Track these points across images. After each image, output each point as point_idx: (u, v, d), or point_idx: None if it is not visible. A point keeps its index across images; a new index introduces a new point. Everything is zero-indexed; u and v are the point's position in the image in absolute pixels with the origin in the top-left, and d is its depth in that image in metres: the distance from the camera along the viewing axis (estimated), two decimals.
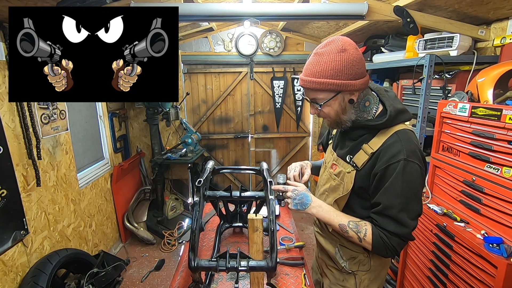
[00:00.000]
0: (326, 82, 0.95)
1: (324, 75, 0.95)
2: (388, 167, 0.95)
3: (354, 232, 1.02)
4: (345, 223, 1.04)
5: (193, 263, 1.12)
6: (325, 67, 0.94)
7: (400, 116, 1.01)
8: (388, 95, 1.06)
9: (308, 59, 1.01)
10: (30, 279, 1.84)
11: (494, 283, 1.27)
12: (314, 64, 0.97)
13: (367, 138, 1.04)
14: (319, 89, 0.97)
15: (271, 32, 3.74)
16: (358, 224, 1.03)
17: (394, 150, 0.95)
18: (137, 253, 3.20)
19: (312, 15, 1.90)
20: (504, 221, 1.33)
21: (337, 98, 0.98)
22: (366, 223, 1.03)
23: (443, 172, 1.74)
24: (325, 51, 0.95)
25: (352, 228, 1.03)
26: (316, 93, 1.00)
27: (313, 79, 0.96)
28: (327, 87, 0.95)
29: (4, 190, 1.77)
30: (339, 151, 1.16)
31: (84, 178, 2.74)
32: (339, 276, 1.22)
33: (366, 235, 1.01)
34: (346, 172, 1.07)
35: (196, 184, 1.37)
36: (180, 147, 3.65)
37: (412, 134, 1.01)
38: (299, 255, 1.64)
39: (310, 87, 0.99)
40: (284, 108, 4.12)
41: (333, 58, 0.93)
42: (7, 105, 1.84)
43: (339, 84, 0.94)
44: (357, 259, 1.15)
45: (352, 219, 1.05)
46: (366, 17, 1.87)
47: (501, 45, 1.79)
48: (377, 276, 1.19)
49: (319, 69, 0.95)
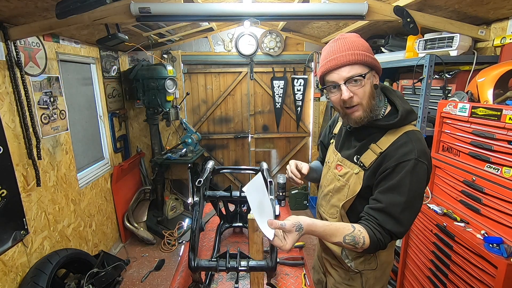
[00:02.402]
0: (364, 54, 0.96)
1: (359, 48, 0.96)
2: (398, 165, 0.94)
3: (352, 245, 0.96)
4: (341, 240, 0.95)
5: (193, 263, 1.12)
6: (357, 44, 0.97)
7: (409, 116, 1.00)
8: (396, 94, 1.06)
9: (329, 47, 1.01)
10: (30, 279, 1.84)
11: (494, 283, 1.27)
12: (342, 44, 0.98)
13: (375, 138, 1.03)
14: (358, 60, 0.96)
15: (271, 32, 3.74)
16: (354, 236, 0.95)
17: (406, 149, 0.95)
18: (137, 253, 3.20)
19: (312, 15, 1.90)
20: (504, 221, 1.33)
21: (370, 76, 0.98)
22: (361, 231, 0.96)
23: (443, 172, 1.74)
24: (346, 36, 0.99)
25: (348, 242, 0.95)
26: (353, 68, 0.96)
27: (351, 51, 0.96)
28: (365, 58, 0.96)
29: (4, 190, 1.76)
30: (345, 152, 1.14)
31: (84, 178, 2.74)
32: (344, 275, 1.21)
33: (364, 242, 0.96)
34: (354, 173, 1.06)
35: (196, 184, 1.37)
36: (180, 147, 3.65)
37: (421, 135, 1.01)
38: (299, 255, 1.64)
39: (349, 60, 0.96)
40: (284, 108, 4.12)
41: (356, 39, 0.98)
42: (7, 105, 1.85)
43: (373, 58, 0.98)
44: (363, 258, 1.14)
45: (347, 233, 0.96)
46: (366, 17, 1.87)
47: (501, 45, 1.79)
48: (383, 274, 1.19)
49: (351, 45, 0.97)
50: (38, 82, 2.11)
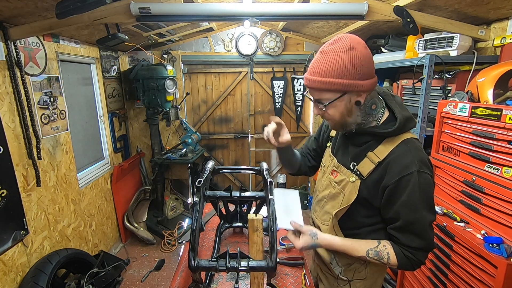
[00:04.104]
0: (332, 82, 0.89)
1: (330, 74, 0.89)
2: (401, 180, 0.91)
3: (376, 260, 0.98)
4: (364, 254, 0.99)
5: (193, 263, 1.12)
6: (331, 65, 0.88)
7: (407, 124, 0.97)
8: (395, 100, 1.02)
9: (314, 58, 0.95)
10: (30, 279, 1.84)
11: (494, 283, 1.27)
12: (320, 62, 0.91)
13: (372, 145, 1.00)
14: (325, 88, 0.91)
15: (271, 32, 3.74)
16: (378, 250, 0.98)
17: (405, 161, 0.92)
18: (137, 253, 3.20)
19: (312, 15, 1.90)
20: (504, 221, 1.33)
21: (343, 99, 0.92)
22: (385, 246, 0.98)
23: (443, 172, 1.74)
24: (332, 49, 0.89)
25: (372, 257, 0.98)
26: (322, 93, 0.94)
27: (319, 78, 0.90)
28: (333, 87, 0.90)
29: (4, 190, 1.77)
30: (341, 158, 1.10)
31: (84, 178, 2.74)
32: (333, 282, 1.20)
33: (390, 258, 0.96)
34: (350, 182, 1.02)
35: (196, 184, 1.37)
36: (180, 147, 3.65)
37: (419, 142, 0.98)
38: (299, 255, 1.64)
39: (315, 87, 0.93)
40: (284, 108, 4.12)
41: (340, 56, 0.87)
42: (7, 105, 1.85)
43: (346, 84, 0.88)
44: (352, 266, 1.13)
45: (370, 247, 0.99)
46: (366, 17, 1.87)
47: (501, 45, 1.79)
48: (373, 283, 1.16)
49: (325, 68, 0.89)
50: (38, 82, 2.11)
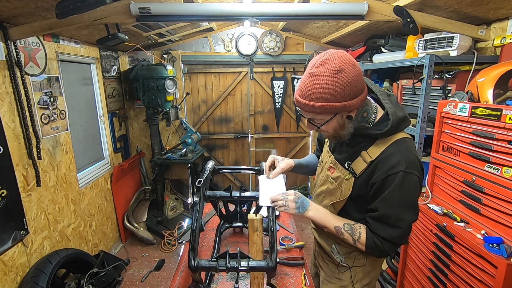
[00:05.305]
0: (323, 106, 0.91)
1: (321, 99, 0.91)
2: (387, 178, 0.96)
3: (349, 235, 1.07)
4: (340, 225, 1.08)
5: (193, 263, 1.12)
6: (321, 90, 0.89)
7: (401, 125, 1.00)
8: (390, 100, 1.04)
9: (303, 78, 0.96)
10: (30, 279, 1.84)
11: (494, 283, 1.27)
12: (309, 86, 0.92)
13: (366, 145, 1.04)
14: (317, 112, 0.95)
15: (271, 32, 3.74)
16: (353, 227, 1.07)
17: (394, 161, 0.95)
18: (137, 253, 3.20)
19: (312, 15, 1.90)
20: (504, 221, 1.33)
21: (335, 118, 0.97)
22: (360, 226, 1.07)
23: (443, 172, 1.74)
24: (320, 72, 0.89)
25: (347, 230, 1.07)
26: (314, 115, 0.98)
27: (310, 103, 0.93)
28: (324, 111, 0.93)
29: (4, 190, 1.77)
30: (337, 156, 1.16)
31: (84, 178, 2.74)
32: (334, 269, 1.26)
33: (360, 238, 1.05)
34: (345, 179, 1.08)
35: (196, 184, 1.36)
36: (180, 147, 3.65)
37: (410, 142, 1.01)
38: (299, 255, 1.64)
39: (307, 110, 0.96)
40: (284, 108, 4.12)
41: (329, 80, 0.88)
42: (7, 105, 1.85)
43: (337, 106, 0.91)
44: (352, 254, 1.19)
45: (347, 222, 1.09)
46: (366, 17, 1.87)
47: (501, 45, 1.79)
48: (373, 269, 1.22)
49: (315, 93, 0.91)
50: (38, 82, 2.11)
